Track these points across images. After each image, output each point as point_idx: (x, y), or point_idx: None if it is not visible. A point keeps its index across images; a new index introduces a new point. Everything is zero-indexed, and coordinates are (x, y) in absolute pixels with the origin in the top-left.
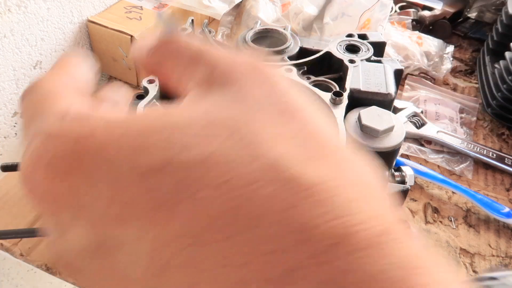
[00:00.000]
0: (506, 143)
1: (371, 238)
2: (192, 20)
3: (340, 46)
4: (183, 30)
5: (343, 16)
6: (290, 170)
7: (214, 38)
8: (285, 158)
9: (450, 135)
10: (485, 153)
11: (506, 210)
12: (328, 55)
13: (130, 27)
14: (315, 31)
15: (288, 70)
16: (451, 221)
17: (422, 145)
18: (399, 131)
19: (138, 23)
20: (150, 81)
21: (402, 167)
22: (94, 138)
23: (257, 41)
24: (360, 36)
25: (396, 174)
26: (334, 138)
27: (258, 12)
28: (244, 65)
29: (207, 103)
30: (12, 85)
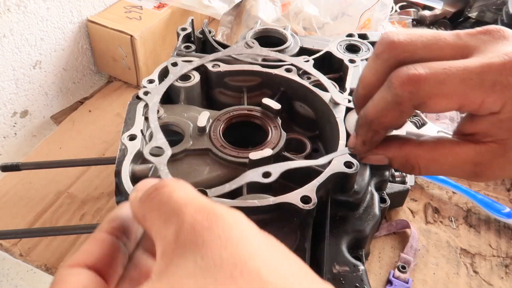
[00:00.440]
0: None
1: None
2: (192, 20)
3: (340, 46)
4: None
5: (343, 15)
6: None
7: (214, 38)
8: None
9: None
10: None
11: (507, 210)
12: (328, 55)
13: (130, 27)
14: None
15: (288, 70)
16: (452, 221)
17: None
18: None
19: (138, 23)
20: (150, 81)
21: None
22: None
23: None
24: (360, 36)
25: (396, 174)
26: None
27: (258, 12)
28: (207, 225)
29: (169, 279)
30: (11, 85)
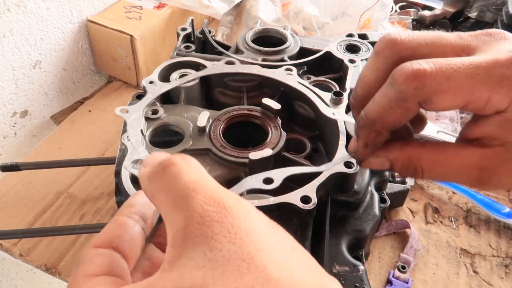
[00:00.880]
0: None
1: None
2: (192, 20)
3: (340, 46)
4: (183, 30)
5: (343, 15)
6: None
7: (214, 38)
8: None
9: (451, 135)
10: None
11: (507, 210)
12: (328, 55)
13: (130, 27)
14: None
15: (288, 70)
16: (452, 221)
17: None
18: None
19: (138, 23)
20: (150, 81)
21: None
22: None
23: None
24: (360, 36)
25: (396, 174)
26: (291, 270)
27: (258, 12)
28: (216, 218)
29: (179, 270)
30: (11, 85)
